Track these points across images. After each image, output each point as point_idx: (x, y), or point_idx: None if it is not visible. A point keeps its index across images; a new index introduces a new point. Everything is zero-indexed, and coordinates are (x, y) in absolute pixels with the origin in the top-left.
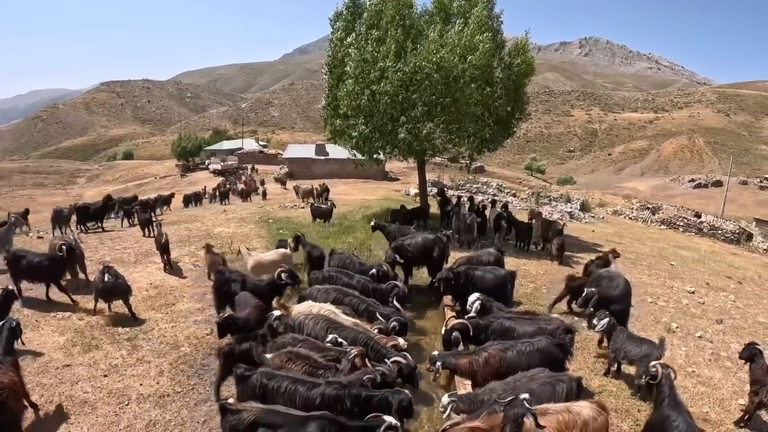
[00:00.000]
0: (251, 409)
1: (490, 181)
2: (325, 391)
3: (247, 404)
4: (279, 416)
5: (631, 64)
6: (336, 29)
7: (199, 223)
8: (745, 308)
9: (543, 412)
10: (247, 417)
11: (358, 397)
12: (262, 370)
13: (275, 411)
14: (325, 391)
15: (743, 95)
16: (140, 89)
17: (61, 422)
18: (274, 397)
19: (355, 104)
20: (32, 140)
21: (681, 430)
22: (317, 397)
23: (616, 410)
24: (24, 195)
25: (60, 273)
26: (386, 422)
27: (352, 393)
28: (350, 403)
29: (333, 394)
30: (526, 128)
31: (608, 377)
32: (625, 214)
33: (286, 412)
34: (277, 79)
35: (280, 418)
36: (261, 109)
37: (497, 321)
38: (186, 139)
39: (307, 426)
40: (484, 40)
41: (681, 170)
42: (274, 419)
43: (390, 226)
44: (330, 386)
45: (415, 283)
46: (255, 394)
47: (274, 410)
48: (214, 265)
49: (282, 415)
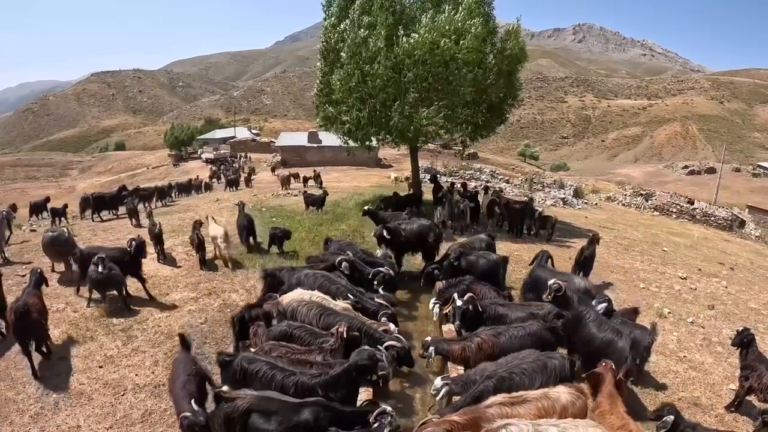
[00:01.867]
0: (245, 396)
1: (484, 168)
2: (299, 380)
3: (241, 392)
4: (273, 403)
5: (625, 51)
6: (329, 15)
7: (192, 212)
8: (737, 294)
9: (522, 400)
10: (242, 405)
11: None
12: (243, 354)
13: (269, 398)
14: (300, 380)
15: (737, 83)
16: (131, 79)
17: (57, 414)
18: (253, 383)
19: (347, 87)
20: (23, 133)
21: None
22: (291, 386)
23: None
24: (16, 188)
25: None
26: (380, 408)
27: (326, 382)
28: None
29: (307, 384)
30: (519, 114)
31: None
32: (619, 201)
33: (280, 399)
34: (269, 66)
35: (274, 405)
36: (253, 97)
37: (491, 307)
38: (178, 129)
39: (301, 413)
40: (475, 24)
41: (674, 157)
42: (268, 406)
43: (381, 213)
44: (305, 375)
45: (407, 269)
46: (236, 379)
47: (268, 397)
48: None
49: (276, 402)
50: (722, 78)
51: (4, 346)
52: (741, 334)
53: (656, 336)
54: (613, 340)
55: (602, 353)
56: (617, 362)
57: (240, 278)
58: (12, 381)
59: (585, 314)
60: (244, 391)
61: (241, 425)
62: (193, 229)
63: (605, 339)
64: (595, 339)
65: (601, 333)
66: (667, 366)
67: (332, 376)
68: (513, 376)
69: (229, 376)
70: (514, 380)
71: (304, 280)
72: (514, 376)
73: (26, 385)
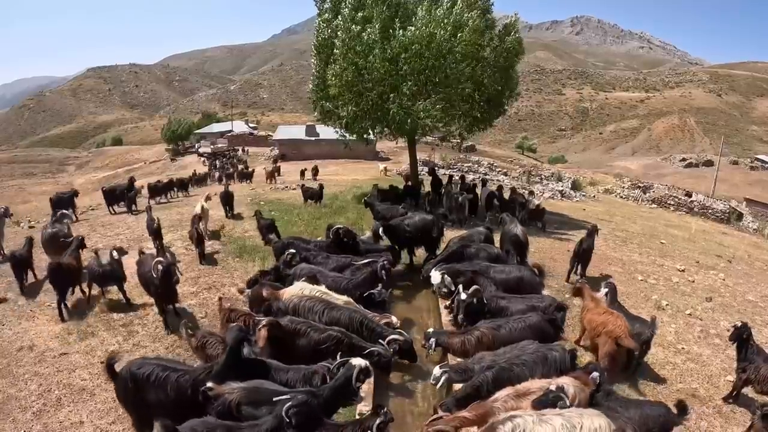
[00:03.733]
0: (233, 390)
1: (482, 160)
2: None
3: (227, 386)
4: (262, 393)
5: (623, 43)
6: (323, 11)
7: (191, 207)
8: (734, 287)
9: (526, 392)
10: (231, 398)
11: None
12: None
13: (257, 389)
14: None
15: (735, 76)
16: (128, 74)
17: (60, 410)
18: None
19: (343, 83)
20: (20, 129)
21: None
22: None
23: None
24: (14, 185)
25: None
26: (356, 366)
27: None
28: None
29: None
30: (517, 107)
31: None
32: (617, 193)
33: (268, 389)
34: (266, 60)
35: (263, 395)
36: (250, 90)
37: (492, 300)
38: (175, 123)
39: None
40: (473, 17)
41: (672, 150)
42: (257, 397)
43: (378, 206)
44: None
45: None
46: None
47: (257, 388)
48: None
49: (264, 392)
50: (720, 71)
51: (5, 343)
52: (739, 329)
53: (656, 330)
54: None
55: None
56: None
57: (240, 272)
58: (14, 378)
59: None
60: (230, 385)
61: (231, 419)
62: (192, 224)
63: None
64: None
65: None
66: (665, 358)
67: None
68: (513, 367)
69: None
70: (514, 371)
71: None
72: (514, 367)
73: (28, 382)
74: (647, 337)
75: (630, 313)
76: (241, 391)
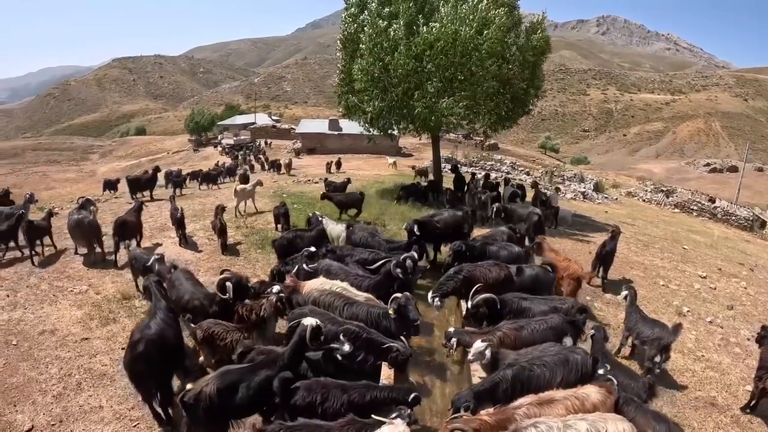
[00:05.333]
0: (206, 383)
1: (504, 159)
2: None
3: (201, 381)
4: (233, 374)
5: (649, 44)
6: (349, 5)
7: (213, 197)
8: (756, 295)
9: (549, 400)
10: (209, 390)
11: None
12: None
13: (227, 371)
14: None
15: (762, 80)
16: (152, 65)
17: (80, 394)
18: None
19: (369, 78)
20: (45, 117)
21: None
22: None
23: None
24: (37, 172)
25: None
26: (308, 326)
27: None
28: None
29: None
30: (541, 106)
31: (618, 356)
32: (639, 196)
33: (237, 368)
34: (290, 53)
35: (234, 375)
36: (274, 83)
37: (514, 301)
38: (198, 114)
39: (257, 374)
40: (499, 14)
41: (696, 154)
42: (231, 378)
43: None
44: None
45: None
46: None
47: (226, 371)
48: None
49: (234, 372)
50: (747, 75)
51: (27, 326)
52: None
53: (678, 336)
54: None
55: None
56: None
57: (261, 264)
58: (35, 361)
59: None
60: (203, 379)
61: (219, 408)
62: (216, 215)
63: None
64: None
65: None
66: (685, 364)
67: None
68: (534, 368)
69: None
70: (534, 372)
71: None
72: (535, 368)
73: (49, 366)
74: (667, 342)
75: (648, 317)
76: (214, 379)
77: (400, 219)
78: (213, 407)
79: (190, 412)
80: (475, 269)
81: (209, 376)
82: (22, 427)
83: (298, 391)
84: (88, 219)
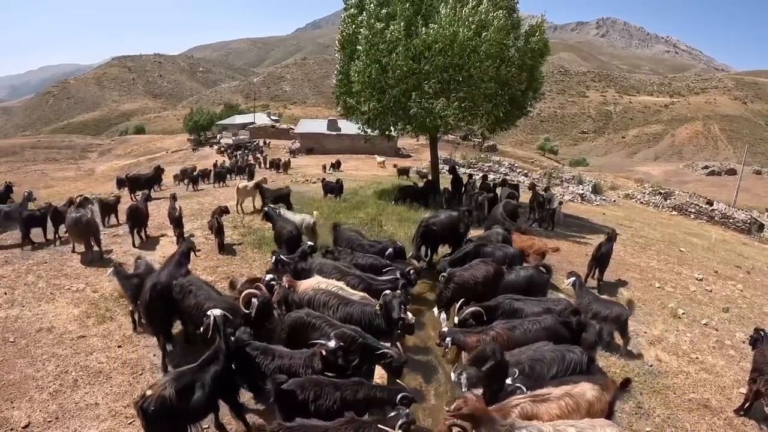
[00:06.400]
0: (164, 383)
1: (503, 160)
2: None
3: (157, 385)
4: (187, 374)
5: (648, 47)
6: (348, 6)
7: (211, 197)
8: (752, 298)
9: (544, 398)
10: (168, 393)
11: None
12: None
13: (181, 372)
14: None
15: (761, 83)
16: (152, 64)
17: (76, 391)
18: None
19: (366, 79)
20: (44, 116)
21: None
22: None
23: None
24: (36, 170)
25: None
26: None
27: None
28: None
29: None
30: (539, 108)
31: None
32: (637, 198)
33: (186, 368)
34: (290, 53)
35: (188, 375)
36: (273, 83)
37: (506, 303)
38: (198, 114)
39: (207, 370)
40: (498, 17)
41: (695, 156)
42: (184, 377)
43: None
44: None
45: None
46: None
47: (180, 372)
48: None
49: (186, 371)
50: (746, 78)
51: (25, 324)
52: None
53: (632, 312)
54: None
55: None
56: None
57: (258, 263)
58: (32, 358)
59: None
60: (158, 383)
61: (180, 411)
62: (213, 214)
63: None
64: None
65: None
66: (679, 366)
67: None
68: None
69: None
70: (535, 369)
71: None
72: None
73: (46, 363)
74: (626, 318)
75: (600, 297)
76: (170, 380)
77: (397, 219)
78: (174, 413)
79: (151, 419)
80: (464, 273)
81: (166, 378)
82: (19, 424)
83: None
84: (86, 217)
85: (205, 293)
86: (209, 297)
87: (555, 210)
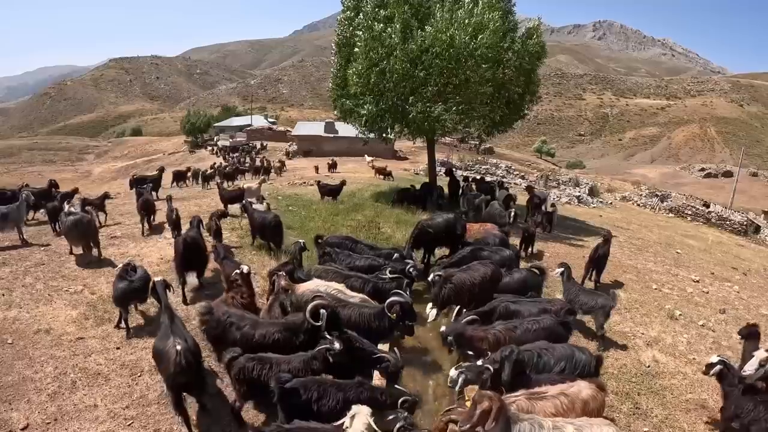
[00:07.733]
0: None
1: (500, 163)
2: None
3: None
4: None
5: (645, 50)
6: (346, 8)
7: (209, 198)
8: (749, 300)
9: (540, 396)
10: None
11: None
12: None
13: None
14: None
15: (758, 86)
16: (149, 65)
17: (74, 393)
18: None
19: (364, 83)
20: (41, 117)
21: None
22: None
23: (616, 393)
24: (33, 171)
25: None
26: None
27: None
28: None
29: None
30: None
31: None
32: (634, 201)
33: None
34: (287, 55)
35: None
36: (270, 85)
37: (502, 305)
38: (195, 116)
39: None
40: (494, 19)
41: (691, 159)
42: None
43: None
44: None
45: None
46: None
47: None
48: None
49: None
50: (743, 80)
51: (23, 325)
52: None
53: (617, 302)
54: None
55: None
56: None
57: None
58: (30, 360)
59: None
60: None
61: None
62: (211, 217)
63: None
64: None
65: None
66: (676, 367)
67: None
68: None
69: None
70: (543, 359)
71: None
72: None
73: (44, 365)
74: (611, 308)
75: (585, 288)
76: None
77: (395, 222)
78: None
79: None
80: (462, 274)
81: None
82: (18, 426)
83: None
84: (86, 219)
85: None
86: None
87: (552, 213)
